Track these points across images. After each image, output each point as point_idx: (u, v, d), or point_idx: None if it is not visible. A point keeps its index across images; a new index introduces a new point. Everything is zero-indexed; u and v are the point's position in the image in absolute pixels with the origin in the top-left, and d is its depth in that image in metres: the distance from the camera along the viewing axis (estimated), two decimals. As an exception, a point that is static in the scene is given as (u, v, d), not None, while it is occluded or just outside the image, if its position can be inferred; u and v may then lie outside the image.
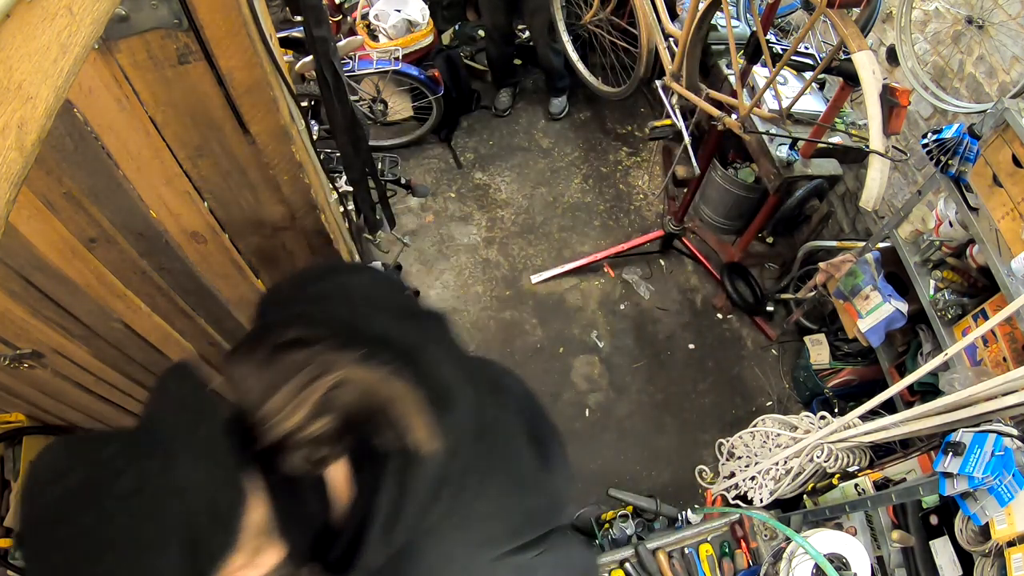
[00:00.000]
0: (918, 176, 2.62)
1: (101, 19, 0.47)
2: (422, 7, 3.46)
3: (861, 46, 1.89)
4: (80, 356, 1.66)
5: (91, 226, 1.11)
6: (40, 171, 0.96)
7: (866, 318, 2.39)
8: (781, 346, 3.13)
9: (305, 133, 1.08)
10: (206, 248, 1.21)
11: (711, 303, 3.26)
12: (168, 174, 0.99)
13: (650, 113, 3.96)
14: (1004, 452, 1.31)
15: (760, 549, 1.79)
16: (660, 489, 2.68)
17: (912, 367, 2.35)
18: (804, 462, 1.76)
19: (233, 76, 0.82)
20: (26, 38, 0.39)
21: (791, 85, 2.68)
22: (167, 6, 0.71)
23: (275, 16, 2.95)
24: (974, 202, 1.94)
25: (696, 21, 2.43)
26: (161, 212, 1.09)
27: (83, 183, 1.00)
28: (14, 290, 1.30)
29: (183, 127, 0.89)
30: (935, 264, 2.26)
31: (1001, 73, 2.15)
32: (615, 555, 1.79)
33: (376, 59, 2.99)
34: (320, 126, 2.76)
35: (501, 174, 3.67)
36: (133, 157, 0.95)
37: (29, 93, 0.39)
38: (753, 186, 2.95)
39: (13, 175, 0.38)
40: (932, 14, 2.38)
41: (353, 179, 1.86)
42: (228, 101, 0.85)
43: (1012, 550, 1.36)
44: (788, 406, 2.95)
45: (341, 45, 2.90)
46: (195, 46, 0.76)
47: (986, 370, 1.97)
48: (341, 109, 1.45)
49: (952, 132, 1.89)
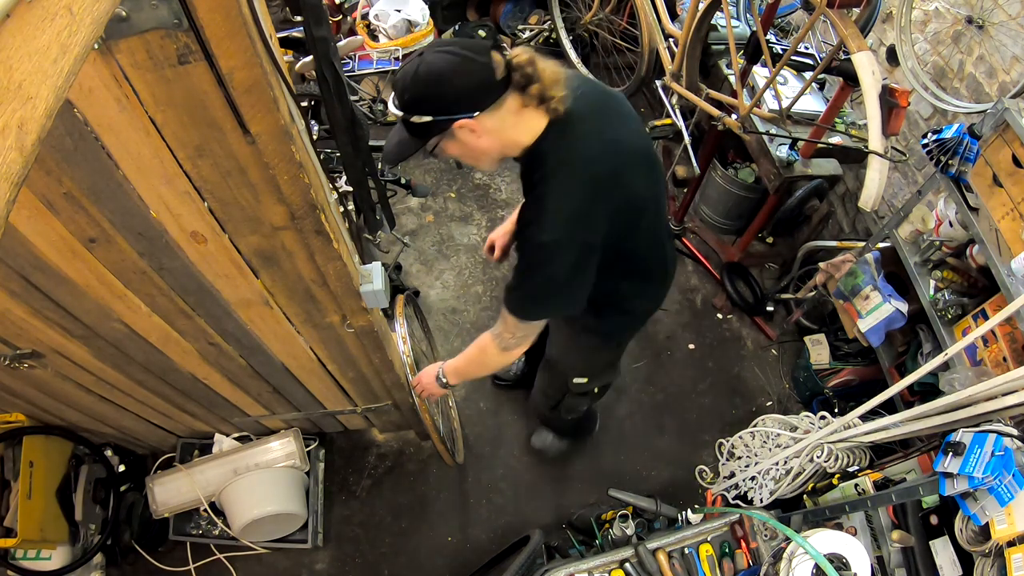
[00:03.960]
0: (918, 176, 2.62)
1: (101, 19, 0.47)
2: (422, 7, 3.47)
3: (861, 46, 1.89)
4: (80, 356, 1.66)
5: (91, 226, 1.11)
6: (40, 171, 0.96)
7: (866, 318, 2.39)
8: (781, 346, 3.13)
9: (305, 133, 1.08)
10: (206, 248, 1.21)
11: (711, 303, 3.26)
12: (168, 174, 0.99)
13: (650, 113, 3.96)
14: (1004, 452, 1.31)
15: (760, 549, 1.79)
16: (660, 489, 2.68)
17: (912, 367, 2.35)
18: (804, 462, 1.76)
19: (233, 76, 0.82)
20: (26, 38, 0.39)
21: (791, 85, 2.68)
22: (167, 6, 0.71)
23: (275, 16, 2.95)
24: (974, 202, 1.94)
25: (696, 21, 2.43)
26: (161, 212, 1.09)
27: (83, 183, 1.00)
28: (14, 290, 1.30)
29: (183, 127, 0.89)
30: (935, 264, 2.26)
31: (1001, 73, 2.15)
32: (615, 555, 1.79)
33: (376, 59, 2.99)
34: (320, 126, 2.76)
35: (501, 174, 3.67)
36: (133, 157, 0.95)
37: (29, 93, 0.39)
38: (753, 186, 2.95)
39: (13, 175, 0.38)
40: (932, 14, 2.38)
41: (353, 179, 1.86)
42: (228, 101, 0.85)
43: (1012, 550, 1.36)
44: (788, 406, 2.95)
45: (341, 45, 2.91)
46: (195, 46, 0.76)
47: (986, 370, 1.97)
48: (341, 109, 1.45)
49: (952, 132, 1.89)
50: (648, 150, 1.52)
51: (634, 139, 1.46)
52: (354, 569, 2.53)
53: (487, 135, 1.30)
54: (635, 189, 1.42)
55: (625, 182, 1.37)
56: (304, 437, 2.50)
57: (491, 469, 2.74)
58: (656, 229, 1.60)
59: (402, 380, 2.01)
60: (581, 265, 1.38)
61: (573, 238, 1.32)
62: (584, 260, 1.38)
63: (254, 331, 1.61)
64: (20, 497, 2.15)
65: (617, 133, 1.40)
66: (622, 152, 1.38)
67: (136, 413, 2.17)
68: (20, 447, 2.22)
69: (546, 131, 1.32)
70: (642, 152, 1.47)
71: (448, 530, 2.61)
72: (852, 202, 3.03)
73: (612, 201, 1.35)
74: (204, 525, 2.45)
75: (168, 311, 1.46)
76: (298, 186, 1.04)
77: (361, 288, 1.42)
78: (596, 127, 1.36)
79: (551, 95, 1.28)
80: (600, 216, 1.34)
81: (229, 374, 1.89)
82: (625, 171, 1.37)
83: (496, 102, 1.25)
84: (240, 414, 2.26)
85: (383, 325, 1.77)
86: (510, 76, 1.26)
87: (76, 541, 2.35)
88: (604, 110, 1.42)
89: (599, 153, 1.33)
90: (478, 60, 1.22)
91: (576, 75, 1.45)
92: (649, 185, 1.48)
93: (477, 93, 1.24)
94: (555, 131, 1.32)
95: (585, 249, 1.36)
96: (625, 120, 1.47)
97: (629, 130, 1.46)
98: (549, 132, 1.32)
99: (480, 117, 1.26)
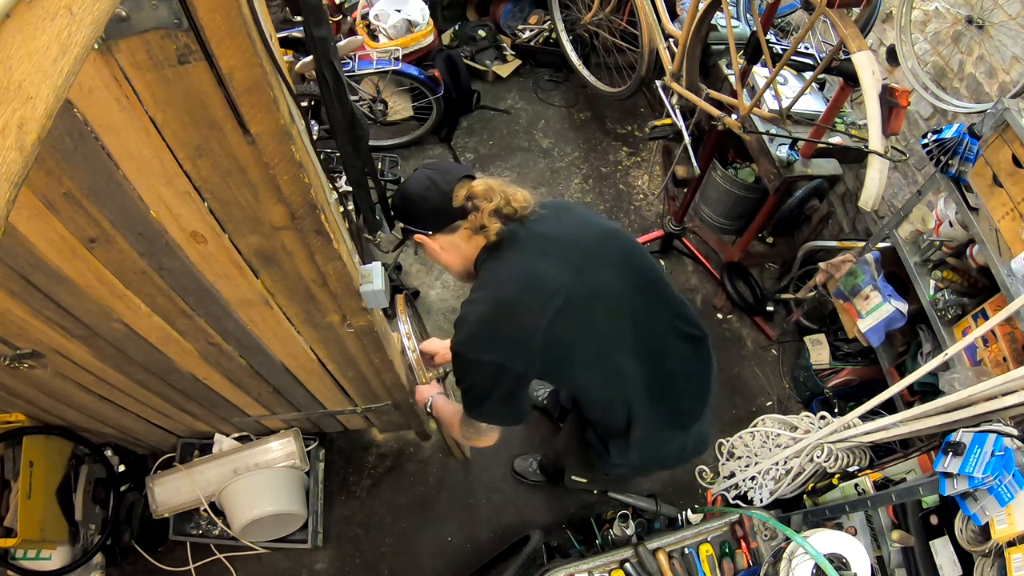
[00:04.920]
0: (918, 176, 2.62)
1: (101, 19, 0.47)
2: (422, 7, 3.46)
3: (861, 46, 1.89)
4: (80, 356, 1.66)
5: (91, 226, 1.11)
6: (40, 171, 0.96)
7: (866, 318, 2.40)
8: (781, 346, 3.13)
9: (305, 133, 1.08)
10: (206, 248, 1.21)
11: (711, 303, 3.26)
12: (168, 174, 0.99)
13: (650, 113, 3.96)
14: (1004, 452, 1.31)
15: (760, 549, 1.79)
16: (660, 489, 2.68)
17: (912, 367, 2.35)
18: (804, 462, 1.76)
19: (233, 76, 0.81)
20: (26, 38, 0.39)
21: (791, 85, 2.68)
22: (167, 6, 0.71)
23: (275, 16, 2.95)
24: (974, 202, 1.94)
25: (696, 21, 2.43)
26: (161, 212, 1.09)
27: (83, 183, 1.00)
28: (14, 290, 1.30)
29: (183, 127, 0.89)
30: (935, 264, 2.26)
31: (1001, 73, 2.15)
32: (615, 555, 1.79)
33: (376, 59, 2.98)
34: (320, 126, 2.76)
35: (501, 174, 3.66)
36: (133, 157, 0.95)
37: (29, 93, 0.39)
38: (753, 186, 2.95)
39: (13, 175, 0.38)
40: (932, 14, 2.38)
41: (353, 179, 1.86)
42: (228, 101, 0.84)
43: (1012, 550, 1.36)
44: (788, 406, 2.95)
45: (341, 45, 2.90)
46: (195, 46, 0.76)
47: (986, 370, 1.97)
48: (341, 109, 1.45)
49: (952, 132, 1.89)
50: (618, 293, 1.45)
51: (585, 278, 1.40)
52: (354, 569, 2.53)
53: (444, 251, 1.48)
54: (545, 314, 1.35)
55: (534, 313, 1.35)
56: (304, 437, 2.50)
57: (491, 469, 2.74)
58: (615, 368, 1.47)
59: (402, 380, 2.01)
60: (500, 381, 1.39)
61: (479, 356, 1.38)
62: (499, 377, 1.39)
63: (254, 331, 1.61)
64: (20, 497, 2.15)
65: (551, 265, 1.38)
66: (543, 285, 1.36)
67: (136, 413, 2.17)
68: (20, 447, 2.22)
69: (479, 255, 1.46)
70: (602, 291, 1.42)
71: (448, 530, 2.61)
72: (852, 202, 3.03)
73: (519, 330, 1.36)
74: (204, 525, 2.45)
75: (168, 311, 1.46)
76: (298, 186, 1.04)
77: (361, 288, 1.42)
78: (524, 256, 1.40)
79: (485, 224, 1.40)
80: (504, 340, 1.37)
81: (229, 374, 1.89)
82: (541, 303, 1.35)
83: (449, 226, 1.42)
84: (240, 414, 2.26)
85: (383, 325, 1.77)
86: (464, 207, 1.41)
87: (76, 541, 2.35)
88: (557, 241, 1.43)
89: (507, 279, 1.39)
90: (442, 188, 1.40)
91: (557, 203, 1.58)
92: (596, 322, 1.42)
93: (433, 216, 1.42)
94: (485, 255, 1.45)
95: (495, 368, 1.37)
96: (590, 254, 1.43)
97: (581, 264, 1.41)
98: (480, 255, 1.46)
99: (436, 236, 1.44)
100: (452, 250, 1.47)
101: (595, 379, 1.48)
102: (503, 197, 1.42)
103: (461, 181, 1.42)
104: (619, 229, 1.57)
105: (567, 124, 3.94)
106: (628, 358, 1.47)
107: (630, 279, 1.47)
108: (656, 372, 1.51)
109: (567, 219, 1.51)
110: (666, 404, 1.56)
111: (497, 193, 1.43)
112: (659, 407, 1.54)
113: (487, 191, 1.43)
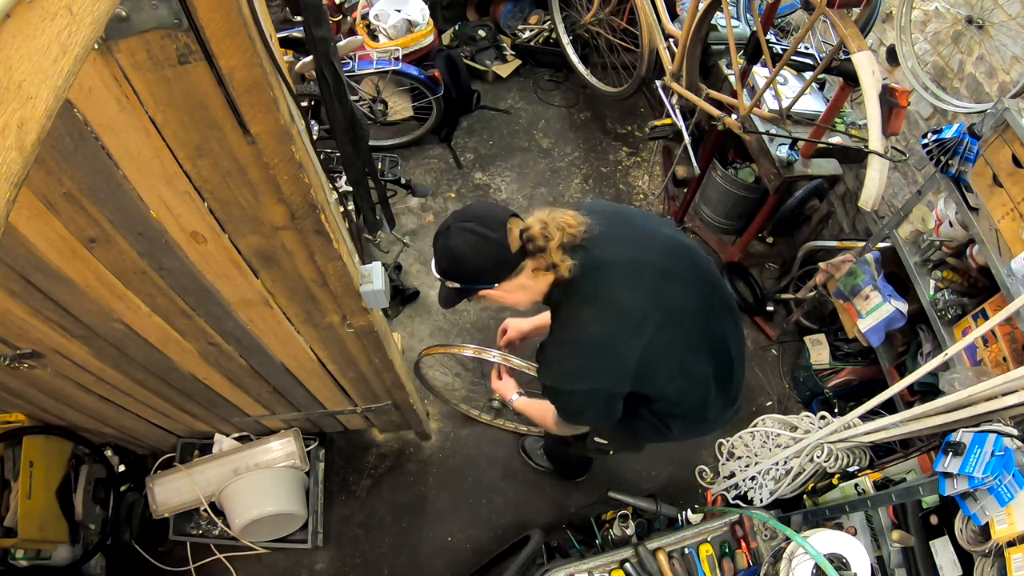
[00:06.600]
0: (918, 176, 2.62)
1: (101, 19, 0.47)
2: (422, 7, 3.46)
3: (861, 46, 1.89)
4: (80, 356, 1.66)
5: (91, 226, 1.11)
6: (40, 171, 0.96)
7: (866, 318, 2.39)
8: (781, 346, 3.13)
9: (305, 133, 1.08)
10: (206, 248, 1.21)
11: (711, 303, 3.26)
12: (168, 174, 0.99)
13: (650, 113, 3.96)
14: (1004, 452, 1.31)
15: (760, 549, 1.79)
16: (660, 489, 2.68)
17: (912, 367, 2.35)
18: (804, 462, 1.76)
19: (233, 76, 0.81)
20: (26, 38, 0.39)
21: (791, 85, 2.68)
22: (167, 6, 0.71)
23: (275, 16, 2.95)
24: (974, 202, 1.94)
25: (696, 21, 2.43)
26: (161, 212, 1.09)
27: (83, 183, 1.00)
28: (14, 290, 1.30)
29: (183, 127, 0.89)
30: (935, 264, 2.25)
31: (1001, 73, 2.15)
32: (615, 555, 1.79)
33: (376, 59, 2.98)
34: (320, 126, 2.76)
35: (501, 174, 3.67)
36: (133, 157, 0.95)
37: (29, 93, 0.39)
38: (753, 186, 2.95)
39: (13, 175, 0.38)
40: (932, 14, 2.38)
41: (353, 179, 1.86)
42: (228, 101, 0.84)
43: (1012, 550, 1.36)
44: (788, 406, 2.95)
45: (341, 45, 2.90)
46: (195, 46, 0.76)
47: (986, 370, 1.97)
48: (341, 109, 1.45)
49: (952, 132, 1.89)
50: (693, 308, 1.52)
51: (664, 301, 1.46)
52: (354, 569, 2.53)
53: (510, 294, 1.46)
54: (635, 345, 1.42)
55: (623, 347, 1.43)
56: (304, 437, 2.50)
57: (492, 469, 2.74)
58: (694, 373, 1.58)
59: (402, 380, 2.01)
60: (595, 400, 1.50)
61: (574, 387, 1.46)
62: (594, 398, 1.49)
63: (254, 331, 1.61)
64: (20, 497, 2.15)
65: (629, 293, 1.44)
66: (628, 319, 1.42)
67: (136, 413, 2.17)
68: (20, 447, 2.22)
69: (550, 290, 1.46)
70: (679, 311, 1.49)
71: (448, 530, 2.61)
72: (852, 202, 3.03)
73: (611, 359, 1.43)
74: (204, 525, 2.45)
75: (168, 311, 1.46)
76: (298, 186, 1.04)
77: (361, 288, 1.42)
78: (601, 289, 1.43)
79: (556, 263, 1.39)
80: (597, 371, 1.45)
81: (229, 374, 1.89)
82: (629, 335, 1.42)
83: (514, 272, 1.40)
84: (240, 414, 2.26)
85: (383, 325, 1.77)
86: (525, 247, 1.39)
87: (76, 541, 2.35)
88: (628, 267, 1.45)
89: (591, 319, 1.42)
90: (492, 238, 1.35)
91: (607, 210, 1.55)
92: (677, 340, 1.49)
93: (496, 270, 1.39)
94: (558, 291, 1.46)
95: (590, 392, 1.47)
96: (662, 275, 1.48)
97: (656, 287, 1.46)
98: (551, 291, 1.47)
99: (501, 285, 1.42)
100: (519, 291, 1.46)
101: (675, 383, 1.56)
102: (560, 228, 1.40)
103: (510, 222, 1.38)
104: (675, 236, 1.59)
105: (567, 124, 3.94)
106: (704, 360, 1.58)
107: (699, 289, 1.55)
108: (723, 362, 1.64)
109: (627, 235, 1.50)
110: (730, 385, 1.71)
111: (553, 227, 1.40)
112: (724, 390, 1.68)
113: (544, 228, 1.40)
